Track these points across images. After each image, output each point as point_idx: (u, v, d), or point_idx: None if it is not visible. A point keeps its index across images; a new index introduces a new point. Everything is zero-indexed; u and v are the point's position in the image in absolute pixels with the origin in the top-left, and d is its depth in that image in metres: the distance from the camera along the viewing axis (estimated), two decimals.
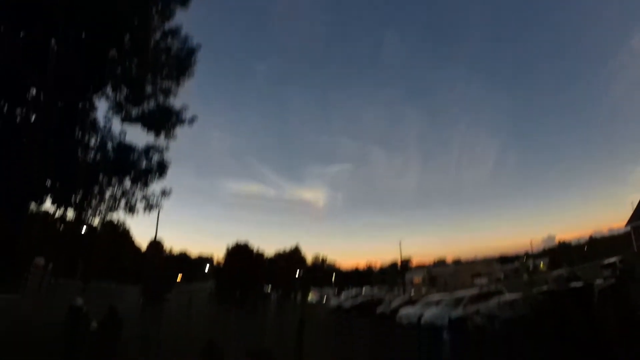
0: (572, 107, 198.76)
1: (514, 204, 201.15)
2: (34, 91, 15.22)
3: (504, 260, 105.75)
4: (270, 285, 73.08)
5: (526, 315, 15.14)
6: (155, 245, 65.35)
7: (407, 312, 23.58)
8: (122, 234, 76.69)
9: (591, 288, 14.79)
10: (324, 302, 52.76)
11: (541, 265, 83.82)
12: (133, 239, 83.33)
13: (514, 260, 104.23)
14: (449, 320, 17.76)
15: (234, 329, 19.79)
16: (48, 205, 16.83)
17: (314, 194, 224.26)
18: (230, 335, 17.09)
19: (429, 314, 20.51)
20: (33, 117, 15.05)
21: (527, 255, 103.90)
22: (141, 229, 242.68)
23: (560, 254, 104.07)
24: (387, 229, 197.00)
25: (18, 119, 15.03)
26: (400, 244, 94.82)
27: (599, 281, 21.98)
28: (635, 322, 14.27)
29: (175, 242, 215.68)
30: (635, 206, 49.53)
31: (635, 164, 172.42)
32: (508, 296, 18.69)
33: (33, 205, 16.33)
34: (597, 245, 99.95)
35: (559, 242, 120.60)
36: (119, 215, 19.18)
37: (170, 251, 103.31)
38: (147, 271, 51.59)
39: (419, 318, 21.20)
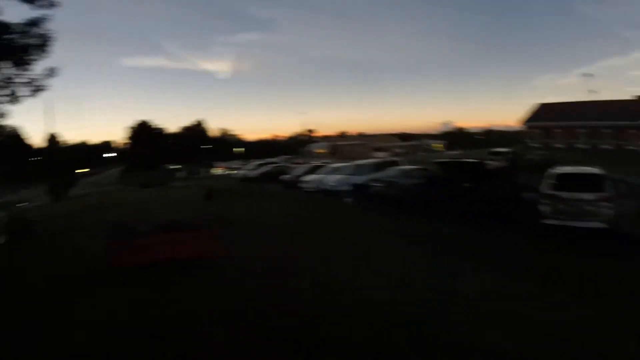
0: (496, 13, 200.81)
1: (421, 87, 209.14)
2: None
3: (405, 137, 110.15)
4: (176, 161, 71.69)
5: (422, 183, 16.06)
6: (52, 138, 60.96)
7: (311, 178, 24.21)
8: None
9: (481, 164, 15.81)
10: (231, 173, 52.83)
11: (439, 146, 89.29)
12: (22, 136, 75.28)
13: (414, 138, 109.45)
14: (352, 185, 18.79)
15: (143, 207, 19.45)
16: None
17: (219, 65, 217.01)
18: (140, 214, 16.93)
19: (332, 179, 21.19)
20: None
21: (427, 135, 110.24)
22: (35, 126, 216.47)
23: (458, 138, 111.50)
24: (294, 101, 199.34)
25: None
26: (304, 116, 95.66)
27: (491, 163, 24.09)
28: (518, 200, 15.94)
29: (73, 132, 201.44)
30: (531, 109, 59.65)
31: (538, 73, 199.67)
32: (407, 166, 19.47)
33: None
34: (493, 137, 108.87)
35: (457, 128, 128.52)
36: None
37: (68, 143, 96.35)
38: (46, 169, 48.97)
39: (322, 184, 22.02)
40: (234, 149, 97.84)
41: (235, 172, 51.19)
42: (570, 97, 69.98)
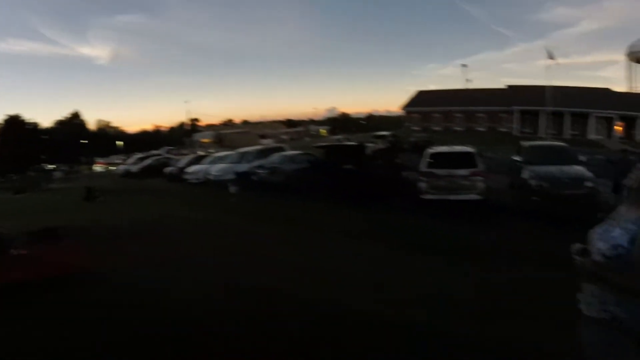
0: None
1: (306, 75, 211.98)
2: None
3: (290, 124, 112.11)
4: (52, 161, 65.34)
5: (305, 168, 16.32)
6: None
7: (195, 169, 23.55)
8: None
9: (362, 146, 16.36)
10: (113, 169, 49.69)
11: (323, 131, 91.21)
12: None
13: (299, 124, 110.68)
14: (236, 174, 18.46)
15: (13, 211, 17.36)
16: None
17: (98, 50, 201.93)
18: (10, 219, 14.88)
19: (216, 169, 20.81)
20: None
21: (312, 122, 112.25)
22: None
23: (341, 123, 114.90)
24: (177, 89, 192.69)
25: None
26: (188, 105, 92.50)
27: (372, 145, 25.27)
28: (398, 179, 16.72)
29: None
30: (410, 96, 66.79)
31: (420, 63, 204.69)
32: (290, 152, 19.67)
33: None
34: (375, 121, 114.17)
35: (342, 113, 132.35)
36: None
37: None
38: None
39: (207, 174, 21.49)
40: (117, 143, 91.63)
41: (116, 168, 48.35)
42: (449, 85, 77.28)
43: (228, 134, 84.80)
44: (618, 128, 54.09)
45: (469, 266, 7.17)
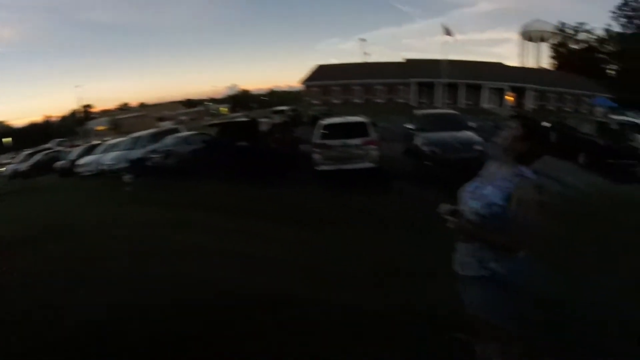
0: None
1: (205, 52, 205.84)
2: None
3: (189, 104, 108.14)
4: None
5: (200, 148, 16.19)
6: None
7: (87, 160, 21.96)
8: None
9: (255, 121, 16.49)
10: (1, 171, 44.94)
11: (224, 109, 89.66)
12: None
13: (199, 104, 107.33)
14: (129, 161, 17.64)
15: None
16: None
17: None
18: None
19: (109, 158, 19.90)
20: None
21: (212, 100, 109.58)
22: None
23: (242, 100, 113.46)
24: (67, 73, 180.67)
25: None
26: (80, 90, 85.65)
27: (271, 120, 25.63)
28: (294, 153, 16.96)
29: None
30: (310, 71, 67.75)
31: (323, 38, 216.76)
32: (184, 133, 19.35)
33: None
34: (276, 97, 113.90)
35: (242, 90, 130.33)
36: None
37: None
38: None
39: (100, 164, 20.53)
40: (3, 140, 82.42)
41: (5, 169, 43.98)
42: (351, 60, 79.17)
43: (124, 119, 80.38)
44: (509, 98, 60.17)
45: (352, 233, 7.69)
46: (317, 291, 5.18)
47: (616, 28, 77.47)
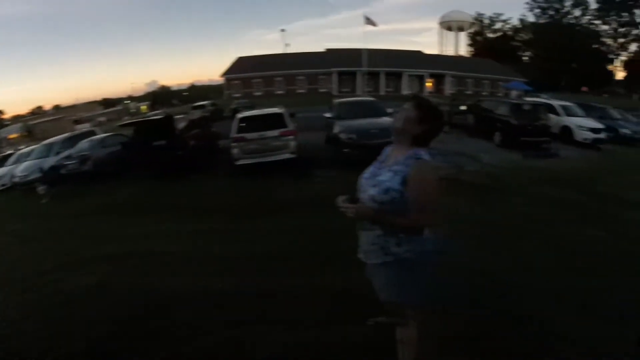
0: None
1: (121, 47, 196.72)
2: None
3: (107, 103, 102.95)
4: None
5: (116, 150, 15.87)
6: None
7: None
8: None
9: (170, 117, 16.25)
10: None
11: (144, 107, 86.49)
12: None
13: (117, 103, 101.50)
14: (42, 171, 16.67)
15: None
16: None
17: None
18: None
19: (21, 169, 18.72)
20: None
21: (131, 98, 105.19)
22: None
23: (162, 96, 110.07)
24: None
25: None
26: None
27: (186, 116, 25.41)
28: (213, 149, 17.12)
29: None
30: (230, 63, 68.02)
31: (248, 29, 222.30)
32: (99, 135, 18.78)
33: None
34: (197, 91, 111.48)
35: (162, 87, 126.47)
36: None
37: None
38: None
39: (12, 177, 19.31)
40: None
41: None
42: (274, 51, 79.15)
43: (38, 124, 75.43)
44: (429, 84, 63.37)
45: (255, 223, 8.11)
46: (234, 281, 5.50)
47: (531, 18, 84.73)
